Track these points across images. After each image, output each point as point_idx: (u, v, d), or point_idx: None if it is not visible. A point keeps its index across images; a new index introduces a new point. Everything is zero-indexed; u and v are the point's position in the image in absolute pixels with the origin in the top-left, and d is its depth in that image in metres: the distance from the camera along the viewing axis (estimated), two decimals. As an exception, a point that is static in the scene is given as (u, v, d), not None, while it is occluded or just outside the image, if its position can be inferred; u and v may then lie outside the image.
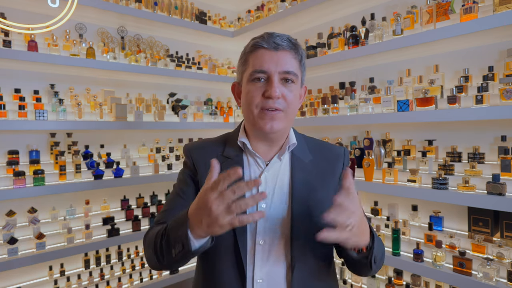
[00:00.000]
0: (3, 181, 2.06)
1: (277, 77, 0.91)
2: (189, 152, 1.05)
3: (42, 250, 2.11)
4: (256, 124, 0.93)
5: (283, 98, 0.91)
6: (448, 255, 1.75)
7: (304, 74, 1.02)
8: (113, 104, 2.47)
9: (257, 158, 0.99)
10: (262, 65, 0.91)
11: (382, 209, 2.28)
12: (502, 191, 1.55)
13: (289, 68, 0.91)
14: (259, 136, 0.98)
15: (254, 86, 0.92)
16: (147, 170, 2.66)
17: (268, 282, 0.91)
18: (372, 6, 2.44)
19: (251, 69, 0.92)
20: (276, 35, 0.92)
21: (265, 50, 0.91)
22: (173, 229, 0.81)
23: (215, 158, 0.77)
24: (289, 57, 0.92)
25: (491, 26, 1.59)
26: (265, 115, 0.91)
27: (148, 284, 2.55)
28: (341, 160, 1.05)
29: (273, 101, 0.90)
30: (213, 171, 0.74)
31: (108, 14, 2.51)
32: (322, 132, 2.78)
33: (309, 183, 0.97)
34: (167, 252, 0.83)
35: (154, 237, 0.90)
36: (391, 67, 2.36)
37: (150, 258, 0.92)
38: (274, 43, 0.91)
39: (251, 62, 0.94)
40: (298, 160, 1.00)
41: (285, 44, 0.91)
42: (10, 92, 2.28)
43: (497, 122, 1.85)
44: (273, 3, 2.89)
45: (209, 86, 3.34)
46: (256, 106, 0.92)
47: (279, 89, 0.90)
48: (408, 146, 2.14)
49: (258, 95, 0.91)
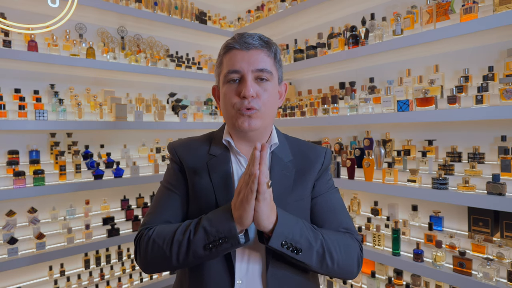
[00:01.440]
0: (3, 181, 2.06)
1: (250, 76, 0.91)
2: (174, 149, 1.05)
3: (42, 250, 2.11)
4: (235, 124, 0.94)
5: (258, 97, 0.92)
6: (448, 255, 1.76)
7: (281, 71, 1.02)
8: (113, 104, 2.47)
9: (239, 157, 1.00)
10: (235, 65, 0.92)
11: (382, 209, 2.29)
12: (502, 191, 1.55)
13: (262, 66, 0.92)
14: (240, 135, 0.99)
15: (229, 87, 0.94)
16: (147, 170, 2.66)
17: (246, 281, 0.91)
18: (372, 6, 2.44)
19: (225, 70, 0.94)
20: (246, 34, 0.93)
21: (237, 50, 0.92)
22: (214, 225, 0.84)
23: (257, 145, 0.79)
24: (262, 55, 0.93)
25: (491, 26, 1.59)
26: (241, 115, 0.92)
27: (148, 284, 2.55)
28: (320, 160, 1.04)
29: (248, 101, 0.91)
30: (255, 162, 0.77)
31: (108, 14, 2.51)
32: (322, 132, 2.78)
33: (286, 182, 0.98)
34: (195, 249, 0.84)
35: (171, 236, 0.88)
36: (391, 67, 2.36)
37: (154, 260, 0.90)
38: (245, 43, 0.92)
39: (224, 63, 0.95)
40: (278, 159, 1.01)
41: (256, 42, 0.92)
42: (10, 92, 2.28)
43: (497, 122, 1.85)
44: (273, 3, 2.89)
45: (209, 86, 3.34)
46: (233, 106, 0.93)
47: (253, 88, 0.91)
48: (408, 146, 2.14)
49: (233, 96, 0.93)
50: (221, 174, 0.98)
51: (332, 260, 0.88)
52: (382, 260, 1.96)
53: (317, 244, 0.87)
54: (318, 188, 1.03)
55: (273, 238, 0.81)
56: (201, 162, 1.01)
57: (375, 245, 2.03)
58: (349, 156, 2.20)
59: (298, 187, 0.99)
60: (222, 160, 1.00)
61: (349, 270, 0.92)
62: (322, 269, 0.88)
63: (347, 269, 0.91)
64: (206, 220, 0.86)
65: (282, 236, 0.82)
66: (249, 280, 0.92)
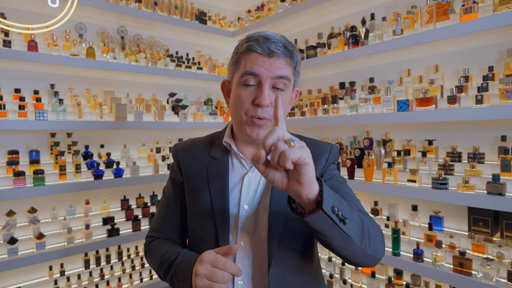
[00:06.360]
0: (3, 181, 2.06)
1: (268, 83, 0.88)
2: (176, 153, 1.06)
3: (42, 250, 2.11)
4: (243, 130, 0.92)
5: (271, 105, 0.89)
6: (448, 255, 1.75)
7: (298, 79, 0.99)
8: (113, 104, 2.47)
9: (241, 159, 0.98)
10: (254, 68, 0.88)
11: (382, 209, 2.28)
12: (502, 191, 1.55)
13: (282, 73, 0.89)
14: (246, 140, 0.97)
15: (245, 91, 0.90)
16: (147, 170, 2.66)
17: (248, 282, 0.92)
18: (372, 6, 2.44)
19: (242, 70, 0.90)
20: (272, 41, 0.88)
21: (259, 55, 0.88)
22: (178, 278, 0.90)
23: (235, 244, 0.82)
24: (283, 64, 0.89)
25: (491, 26, 1.59)
26: (253, 123, 0.90)
27: (148, 284, 2.55)
28: (325, 156, 1.00)
29: (262, 110, 0.88)
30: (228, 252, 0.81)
31: (108, 14, 2.51)
32: (322, 132, 2.78)
33: None
34: (171, 284, 0.95)
35: (157, 265, 0.99)
36: (391, 67, 2.36)
37: (153, 269, 1.04)
38: (269, 50, 0.87)
39: (242, 63, 0.91)
40: None
41: (280, 52, 0.88)
42: (10, 92, 2.28)
43: (497, 122, 1.85)
44: (273, 3, 2.89)
45: (209, 86, 3.34)
46: (245, 112, 0.90)
47: (269, 97, 0.88)
48: (408, 146, 2.14)
49: (247, 101, 0.89)
50: (219, 179, 0.97)
51: (369, 237, 0.79)
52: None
53: (355, 215, 0.76)
54: (325, 177, 0.99)
55: (324, 201, 0.66)
56: (201, 164, 1.01)
57: (375, 245, 2.03)
58: (349, 156, 2.20)
59: None
60: (221, 164, 0.99)
61: (380, 252, 0.83)
62: (362, 245, 0.76)
63: (379, 250, 0.82)
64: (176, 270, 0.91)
65: (330, 201, 0.68)
66: (250, 281, 0.92)
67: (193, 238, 1.03)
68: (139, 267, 2.60)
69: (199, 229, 0.99)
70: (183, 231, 1.09)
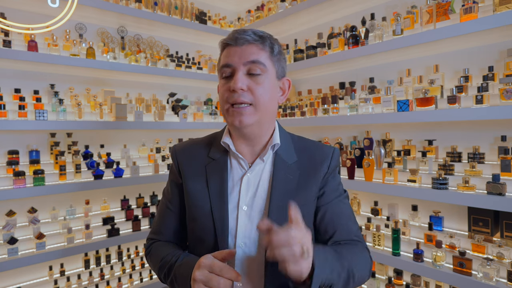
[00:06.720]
0: (3, 181, 2.06)
1: (241, 70, 0.90)
2: (175, 154, 1.06)
3: (42, 250, 2.11)
4: (228, 121, 0.94)
5: (249, 90, 0.89)
6: (448, 255, 1.76)
7: (280, 66, 0.98)
8: (113, 104, 2.47)
9: (240, 160, 0.98)
10: (227, 60, 0.92)
11: (382, 209, 2.28)
12: (502, 191, 1.55)
13: (253, 58, 0.90)
14: (238, 134, 0.96)
15: (222, 83, 0.95)
16: (147, 170, 2.66)
17: (246, 284, 0.91)
18: (372, 6, 2.44)
19: (219, 66, 0.96)
20: (240, 30, 0.93)
21: (231, 46, 0.92)
22: (178, 282, 0.90)
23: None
24: (255, 49, 0.91)
25: (491, 26, 1.59)
26: (233, 110, 0.91)
27: (148, 284, 2.55)
28: (327, 161, 1.00)
29: (238, 94, 0.89)
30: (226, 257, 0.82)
31: (108, 14, 2.51)
32: (322, 132, 2.78)
33: (289, 186, 0.95)
34: (172, 287, 0.95)
35: (157, 268, 0.99)
36: (391, 67, 2.36)
37: (155, 272, 1.03)
38: (238, 38, 0.91)
39: (221, 60, 0.96)
40: (281, 161, 0.98)
41: (249, 38, 0.91)
42: (10, 92, 2.28)
43: (497, 122, 1.85)
44: (273, 3, 2.89)
45: (209, 86, 3.34)
46: (226, 101, 0.92)
47: (242, 81, 0.89)
48: (408, 146, 2.14)
49: (226, 90, 0.92)
50: (218, 180, 0.97)
51: (354, 280, 0.89)
52: (382, 260, 1.96)
53: (344, 272, 0.85)
54: (327, 195, 0.99)
55: (313, 284, 0.75)
56: (200, 165, 1.01)
57: (375, 245, 2.03)
58: (349, 156, 2.20)
59: (301, 191, 0.96)
60: (220, 165, 0.99)
61: (364, 281, 0.95)
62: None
63: (362, 280, 0.94)
64: (176, 274, 0.91)
65: (319, 280, 0.76)
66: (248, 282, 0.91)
67: (192, 240, 1.03)
68: (139, 267, 2.60)
69: (198, 231, 0.98)
70: (183, 232, 1.08)
